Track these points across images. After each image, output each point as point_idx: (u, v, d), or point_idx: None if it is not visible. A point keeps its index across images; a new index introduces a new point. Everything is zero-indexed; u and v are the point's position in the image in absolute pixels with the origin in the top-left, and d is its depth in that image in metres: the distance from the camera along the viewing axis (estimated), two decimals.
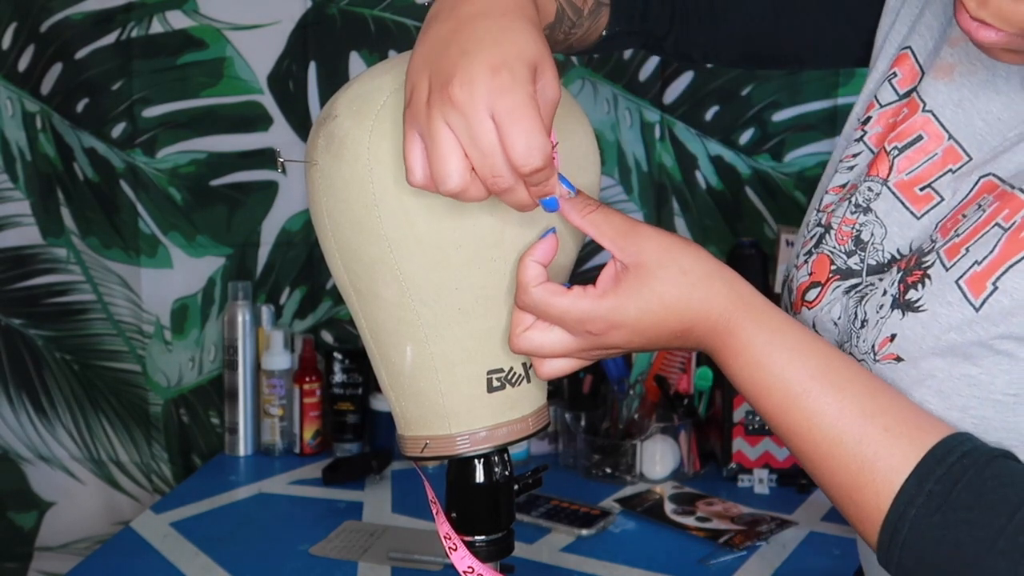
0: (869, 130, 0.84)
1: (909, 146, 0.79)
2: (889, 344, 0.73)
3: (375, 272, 0.73)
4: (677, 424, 1.75)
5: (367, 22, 1.93)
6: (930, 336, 0.70)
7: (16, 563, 2.09)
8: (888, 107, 0.83)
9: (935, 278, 0.71)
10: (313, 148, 0.74)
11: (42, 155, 2.00)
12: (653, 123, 1.92)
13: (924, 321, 0.71)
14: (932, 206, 0.77)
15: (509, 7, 0.67)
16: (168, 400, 2.03)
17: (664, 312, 0.70)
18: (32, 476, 2.08)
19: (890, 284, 0.75)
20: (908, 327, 0.72)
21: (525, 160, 0.64)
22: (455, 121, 0.64)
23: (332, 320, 2.01)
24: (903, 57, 0.83)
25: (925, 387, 0.70)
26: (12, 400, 2.06)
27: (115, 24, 1.95)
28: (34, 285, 2.04)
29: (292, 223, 1.98)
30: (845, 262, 0.80)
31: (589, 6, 0.85)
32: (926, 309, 0.71)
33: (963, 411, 0.69)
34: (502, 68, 0.63)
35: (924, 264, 0.73)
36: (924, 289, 0.72)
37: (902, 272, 0.74)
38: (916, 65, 0.82)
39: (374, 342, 0.77)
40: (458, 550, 0.79)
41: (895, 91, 0.83)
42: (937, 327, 0.70)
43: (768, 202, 1.92)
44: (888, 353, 0.73)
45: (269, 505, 1.72)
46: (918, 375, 0.71)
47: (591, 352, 0.73)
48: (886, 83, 0.83)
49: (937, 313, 0.70)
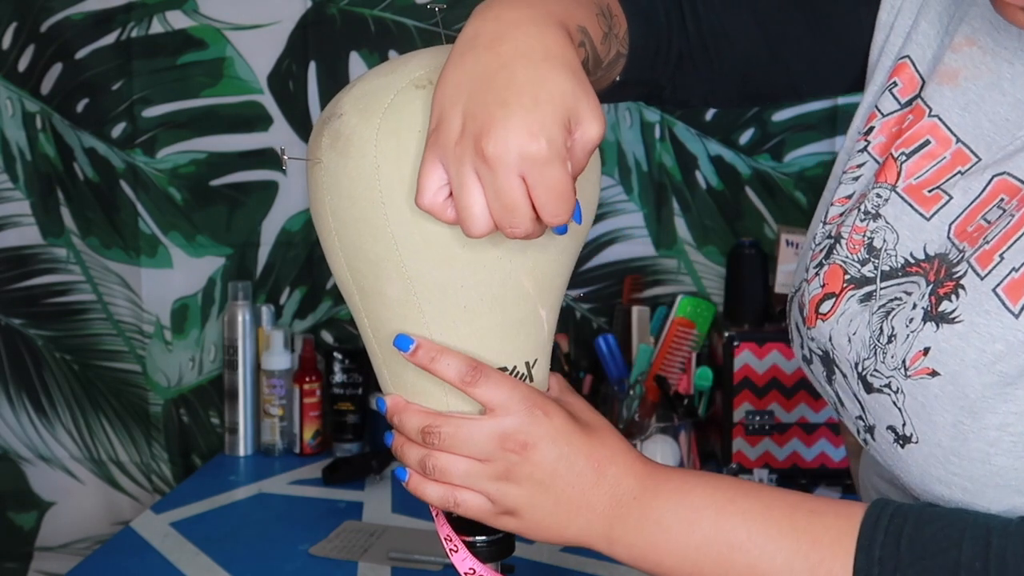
0: (872, 140, 0.83)
1: (916, 151, 0.78)
2: (923, 358, 0.70)
3: (380, 270, 0.73)
4: (677, 424, 1.75)
5: (367, 22, 1.93)
6: (971, 349, 0.68)
7: (16, 563, 2.09)
8: (891, 116, 0.82)
9: (970, 288, 0.69)
10: (317, 146, 0.74)
11: (42, 155, 2.00)
12: (653, 123, 1.92)
13: (961, 333, 0.69)
14: (941, 206, 0.75)
15: (551, 51, 0.66)
16: (168, 400, 2.03)
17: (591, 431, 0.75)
18: (32, 476, 2.08)
19: (920, 297, 0.72)
20: (944, 339, 0.69)
21: (551, 220, 0.65)
22: (484, 173, 0.64)
23: (332, 320, 2.01)
24: (902, 66, 0.82)
25: (958, 405, 0.68)
26: (12, 400, 2.06)
27: (115, 24, 1.95)
28: (34, 285, 2.04)
29: (292, 223, 1.98)
30: (859, 271, 0.78)
31: (610, 57, 0.83)
32: (962, 320, 0.69)
33: (1000, 430, 0.67)
34: (539, 135, 0.63)
35: (955, 274, 0.71)
36: (958, 300, 0.69)
37: (932, 284, 0.72)
38: (916, 73, 0.81)
39: (377, 341, 0.77)
40: (459, 551, 0.79)
41: (896, 100, 0.82)
42: (977, 338, 0.68)
43: (768, 202, 1.92)
44: (922, 368, 0.70)
45: (269, 505, 1.71)
46: (954, 391, 0.68)
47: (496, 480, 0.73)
48: (887, 93, 0.82)
49: (975, 323, 0.68)
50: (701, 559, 0.71)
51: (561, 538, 0.75)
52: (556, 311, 0.79)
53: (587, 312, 1.97)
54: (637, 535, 0.73)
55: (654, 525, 0.72)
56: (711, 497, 0.73)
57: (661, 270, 1.95)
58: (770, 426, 1.71)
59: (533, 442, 0.73)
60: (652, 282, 1.95)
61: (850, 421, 0.79)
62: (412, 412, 0.76)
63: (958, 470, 0.69)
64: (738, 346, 1.71)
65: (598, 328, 1.95)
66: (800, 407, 1.71)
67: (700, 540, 0.71)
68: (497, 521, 0.75)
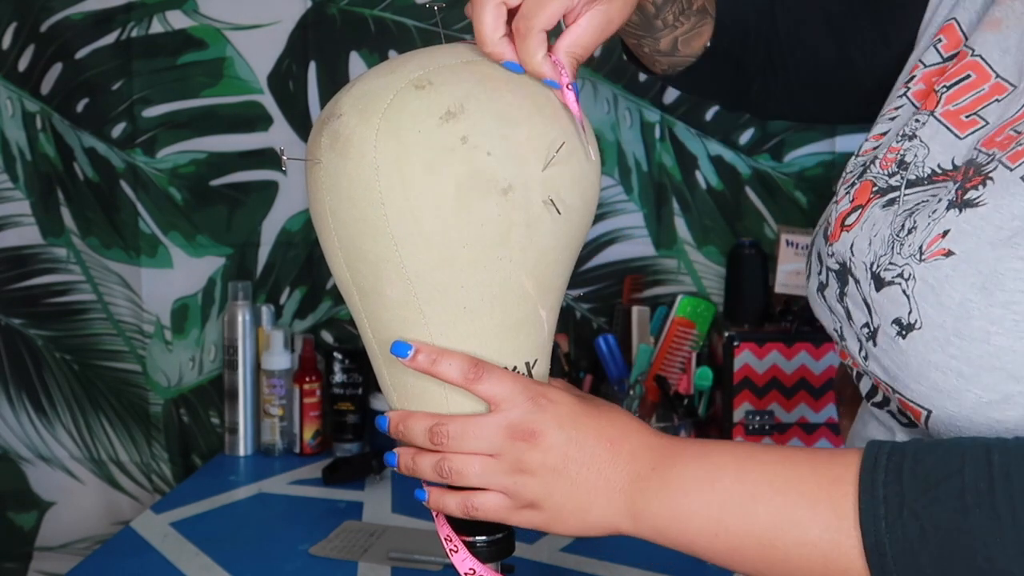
0: (912, 87, 0.85)
1: (957, 83, 0.80)
2: (941, 240, 0.71)
3: (380, 271, 0.73)
4: (677, 424, 1.75)
5: (367, 22, 1.92)
6: (990, 227, 0.69)
7: (16, 563, 2.09)
8: (932, 67, 0.84)
9: (998, 179, 0.70)
10: (316, 146, 0.73)
11: (42, 155, 2.00)
12: (653, 123, 1.92)
13: (984, 214, 0.69)
14: (976, 129, 0.76)
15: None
16: (168, 400, 2.03)
17: (599, 412, 0.75)
18: (32, 476, 2.08)
19: (947, 193, 0.73)
20: (965, 221, 0.70)
21: None
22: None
23: (332, 320, 2.01)
24: (948, 27, 0.85)
25: (968, 283, 0.68)
26: (12, 400, 2.06)
27: (115, 24, 1.95)
28: (34, 285, 2.04)
29: (292, 223, 1.98)
30: (887, 182, 0.80)
31: (698, 3, 0.90)
32: (987, 203, 0.69)
33: (1005, 307, 0.67)
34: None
35: (985, 171, 0.72)
36: (985, 189, 0.70)
37: (960, 182, 0.73)
38: (960, 32, 0.84)
39: (377, 342, 0.77)
40: (459, 552, 0.79)
41: (939, 54, 0.84)
42: (998, 217, 0.69)
43: (768, 202, 1.92)
44: (938, 249, 0.70)
45: (269, 505, 1.71)
46: (967, 268, 0.69)
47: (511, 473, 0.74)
48: (931, 48, 0.85)
49: (999, 205, 0.69)
50: (726, 517, 0.70)
51: (585, 524, 0.74)
52: (556, 311, 0.79)
53: (587, 312, 1.97)
54: (660, 505, 0.72)
55: (676, 492, 0.72)
56: (731, 455, 0.73)
57: (661, 270, 1.95)
58: (770, 426, 1.71)
59: (540, 430, 0.73)
60: (652, 282, 1.95)
61: (854, 341, 0.78)
62: (416, 418, 0.76)
63: (957, 352, 0.68)
64: (738, 346, 1.71)
65: (598, 328, 1.95)
66: (800, 407, 1.71)
67: (723, 497, 0.71)
68: (519, 517, 0.75)
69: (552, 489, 0.73)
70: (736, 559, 0.71)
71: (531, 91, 0.74)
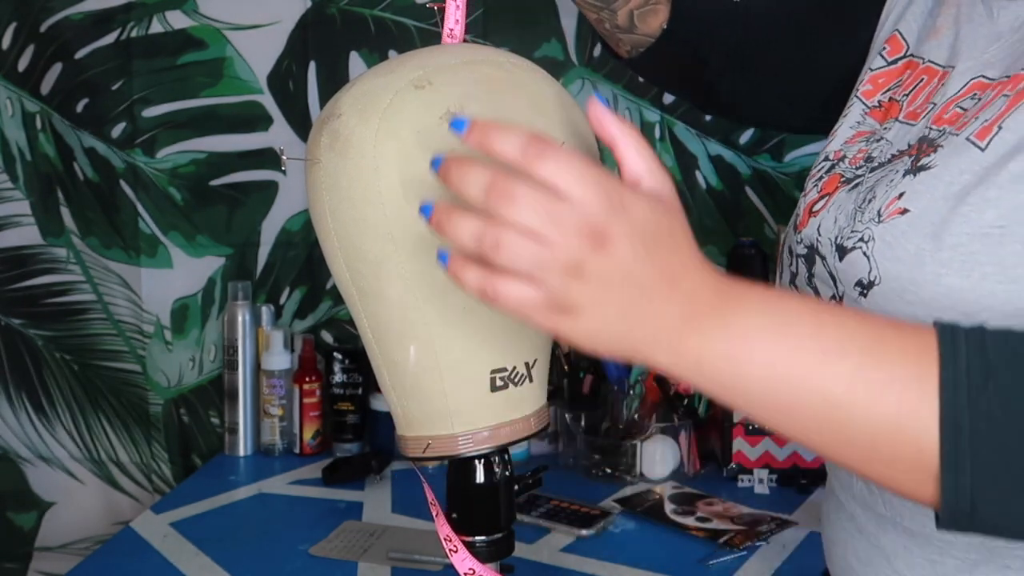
0: (860, 87, 0.93)
1: (914, 89, 0.87)
2: (897, 201, 0.76)
3: (379, 271, 0.73)
4: (677, 424, 1.75)
5: (367, 22, 1.92)
6: (941, 184, 0.74)
7: (16, 563, 2.09)
8: (878, 70, 0.92)
9: (947, 145, 0.76)
10: (315, 146, 0.73)
11: (42, 155, 2.00)
12: (653, 123, 1.92)
13: (936, 174, 0.75)
14: (927, 111, 0.83)
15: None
16: (168, 400, 2.03)
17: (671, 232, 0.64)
18: (32, 476, 2.08)
19: (903, 165, 0.79)
20: (919, 182, 0.76)
21: None
22: None
23: (332, 320, 2.01)
24: (893, 38, 0.94)
25: (922, 234, 0.73)
26: (12, 400, 2.06)
27: (115, 24, 1.95)
28: (34, 285, 2.04)
29: (292, 223, 1.98)
30: (854, 173, 0.85)
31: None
32: (937, 165, 0.76)
33: (953, 249, 0.71)
34: None
35: (935, 142, 0.78)
36: (936, 154, 0.76)
37: (915, 155, 0.79)
38: (903, 41, 0.93)
39: (376, 342, 0.77)
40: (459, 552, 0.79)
41: (884, 59, 0.93)
42: (948, 174, 0.74)
43: (768, 202, 1.92)
44: (895, 209, 0.76)
45: (269, 505, 1.71)
46: (921, 222, 0.74)
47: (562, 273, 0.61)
48: (877, 55, 0.94)
49: (948, 164, 0.75)
50: (793, 368, 0.63)
51: (617, 346, 0.64)
52: None
53: None
54: (714, 345, 0.63)
55: (736, 336, 0.63)
56: (806, 306, 0.66)
57: None
58: None
59: (614, 235, 0.61)
60: None
61: None
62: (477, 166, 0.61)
63: (913, 298, 0.72)
64: None
65: None
66: None
67: (793, 345, 0.63)
68: (543, 318, 0.63)
69: (598, 301, 0.62)
70: (787, 418, 0.65)
71: (531, 91, 0.74)
